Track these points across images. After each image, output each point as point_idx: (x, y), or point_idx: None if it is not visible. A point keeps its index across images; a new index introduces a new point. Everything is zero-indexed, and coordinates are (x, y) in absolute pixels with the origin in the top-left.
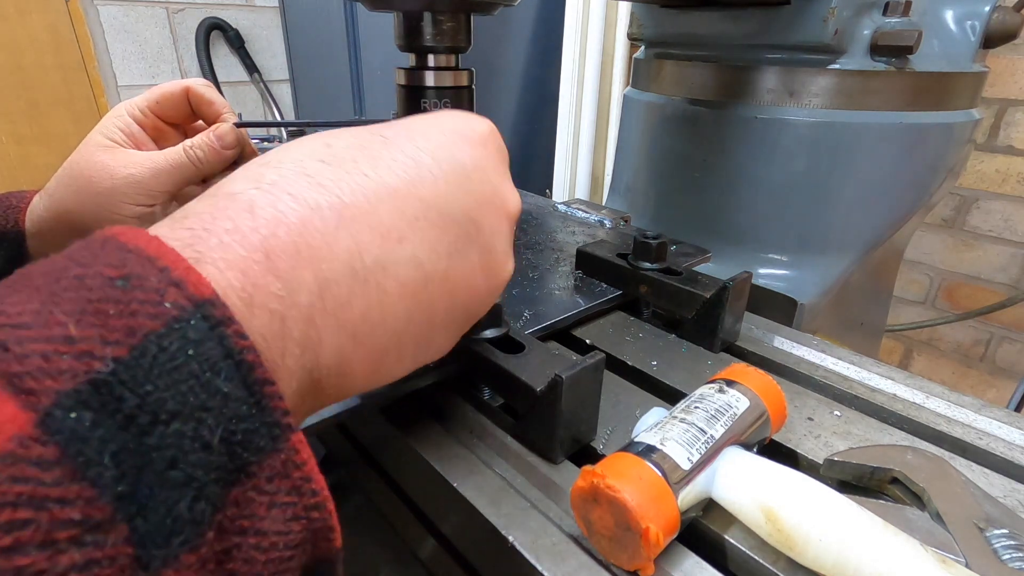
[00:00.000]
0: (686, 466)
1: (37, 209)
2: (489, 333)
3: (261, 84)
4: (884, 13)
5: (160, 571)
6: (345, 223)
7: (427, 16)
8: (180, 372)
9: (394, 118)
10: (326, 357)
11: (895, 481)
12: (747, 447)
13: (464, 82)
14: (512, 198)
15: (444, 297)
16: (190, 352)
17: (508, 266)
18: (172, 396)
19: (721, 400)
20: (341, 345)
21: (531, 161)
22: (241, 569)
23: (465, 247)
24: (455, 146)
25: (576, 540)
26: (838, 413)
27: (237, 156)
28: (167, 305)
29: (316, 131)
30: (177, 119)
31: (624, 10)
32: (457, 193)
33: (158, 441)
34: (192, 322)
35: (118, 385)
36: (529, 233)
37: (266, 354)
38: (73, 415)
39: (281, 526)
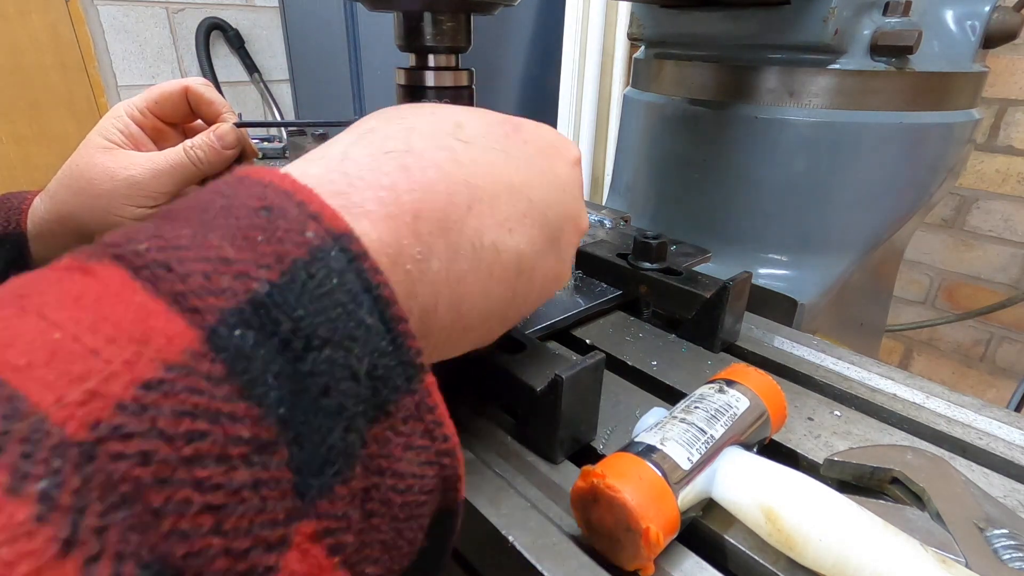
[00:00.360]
0: (686, 466)
1: (38, 211)
2: None
3: (261, 84)
4: (884, 13)
5: (315, 501)
6: (475, 203)
7: (427, 16)
8: (328, 299)
9: None
10: (435, 324)
11: (895, 481)
12: (747, 447)
13: (464, 82)
14: (585, 218)
15: (525, 290)
16: (334, 281)
17: (567, 276)
18: (322, 323)
19: (721, 400)
20: (445, 314)
21: None
22: (379, 510)
23: (549, 250)
24: (557, 159)
25: (576, 540)
26: (838, 413)
27: (237, 156)
28: (309, 235)
29: (316, 131)
30: (176, 119)
31: (624, 10)
32: (554, 201)
33: (312, 367)
34: (333, 253)
35: (274, 307)
36: None
37: None
38: (238, 332)
39: (416, 469)
